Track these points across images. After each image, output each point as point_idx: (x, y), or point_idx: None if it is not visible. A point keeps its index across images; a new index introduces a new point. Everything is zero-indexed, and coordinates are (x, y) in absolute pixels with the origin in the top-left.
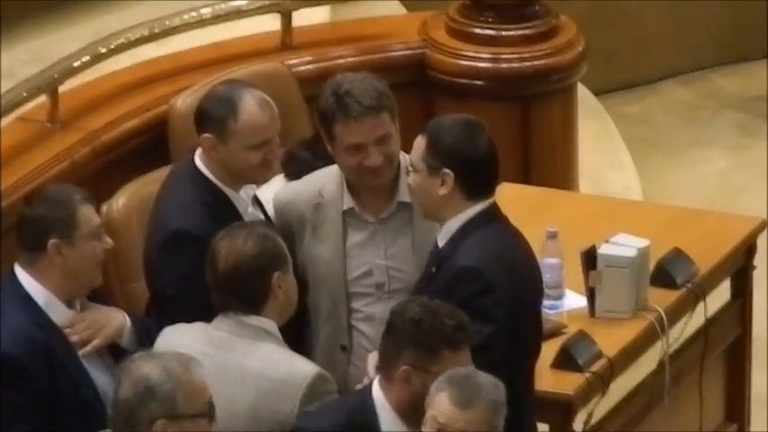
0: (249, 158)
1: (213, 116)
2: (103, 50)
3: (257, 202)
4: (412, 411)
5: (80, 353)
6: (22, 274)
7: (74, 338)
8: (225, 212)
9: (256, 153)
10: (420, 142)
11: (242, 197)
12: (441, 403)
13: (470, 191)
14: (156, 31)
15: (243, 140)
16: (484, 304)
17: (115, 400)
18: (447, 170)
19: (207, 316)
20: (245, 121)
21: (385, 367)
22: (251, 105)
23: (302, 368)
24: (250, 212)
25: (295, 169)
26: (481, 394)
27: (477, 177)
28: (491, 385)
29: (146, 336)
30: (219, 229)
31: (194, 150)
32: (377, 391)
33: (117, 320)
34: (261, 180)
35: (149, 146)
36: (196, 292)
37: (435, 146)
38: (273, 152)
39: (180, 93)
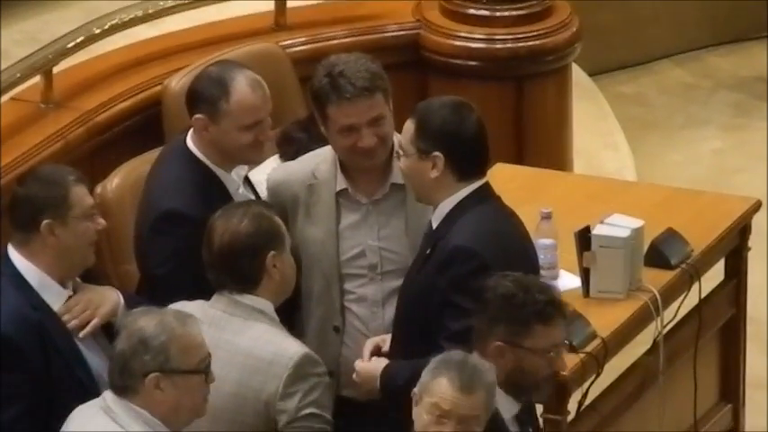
0: (241, 139)
1: (205, 96)
2: (97, 31)
3: (248, 182)
4: (507, 386)
5: (80, 335)
6: (14, 255)
7: (73, 323)
8: (216, 193)
9: (248, 134)
10: (409, 126)
11: (233, 178)
12: (441, 389)
13: (461, 172)
14: (150, 11)
15: (235, 121)
16: (478, 284)
17: (112, 352)
18: (437, 153)
19: (198, 296)
20: (236, 101)
21: (479, 343)
22: (243, 86)
23: (290, 348)
24: (241, 193)
25: (290, 150)
26: (481, 378)
27: (467, 158)
28: (486, 368)
29: None
30: (210, 210)
31: (186, 131)
32: None
33: (111, 299)
34: (252, 161)
35: (143, 126)
36: (187, 271)
37: (424, 129)
38: (265, 133)
39: (174, 73)
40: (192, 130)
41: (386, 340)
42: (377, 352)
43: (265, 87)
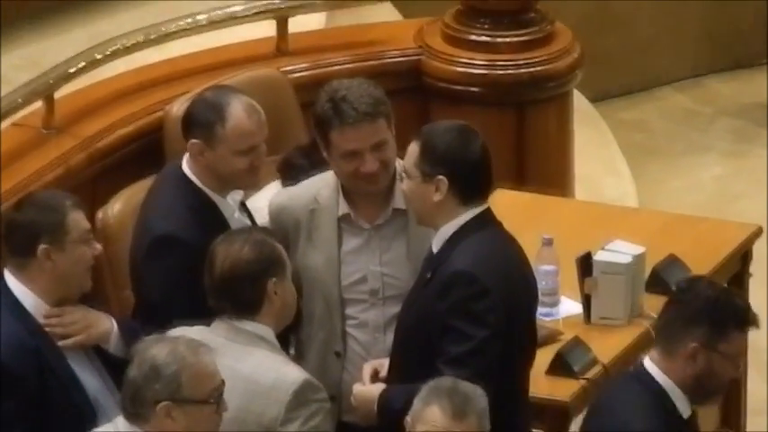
0: (236, 164)
1: (201, 122)
2: (99, 56)
3: (244, 207)
4: (694, 389)
5: (60, 344)
6: (11, 280)
7: (57, 330)
8: (211, 218)
9: (243, 159)
10: (414, 149)
11: (228, 203)
12: (433, 417)
13: (464, 197)
14: (152, 36)
15: (230, 146)
16: (478, 308)
17: (125, 379)
18: (441, 176)
19: (193, 321)
20: (232, 126)
21: (669, 344)
22: (238, 111)
23: (291, 374)
24: (236, 218)
25: (292, 175)
26: (472, 404)
27: (471, 183)
28: (477, 394)
29: (133, 341)
30: (206, 235)
31: (182, 156)
32: (652, 368)
33: (104, 324)
34: (247, 186)
35: (145, 152)
36: (181, 296)
37: (429, 152)
38: (260, 158)
39: (175, 99)
40: (187, 154)
41: (384, 365)
42: (375, 375)
43: (261, 112)
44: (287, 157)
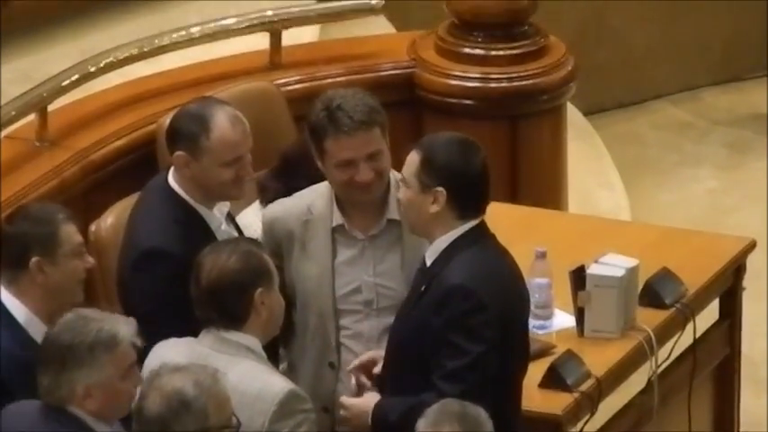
0: (222, 175)
1: (185, 133)
2: (92, 69)
3: (231, 219)
4: None
5: None
6: (3, 293)
7: None
8: (197, 230)
9: (229, 170)
10: (414, 158)
11: (215, 214)
12: None
13: (461, 210)
14: (146, 49)
15: (215, 157)
16: (474, 323)
17: (144, 414)
18: (440, 188)
19: (180, 334)
20: (217, 138)
21: None
22: (223, 122)
23: (276, 384)
24: (223, 230)
25: (268, 198)
26: (481, 429)
27: (469, 197)
28: (484, 417)
29: None
30: (192, 247)
31: (167, 169)
32: None
33: None
34: (233, 197)
35: (138, 165)
36: (169, 309)
37: (430, 163)
38: (246, 169)
39: (169, 112)
40: (173, 167)
41: (376, 361)
42: (368, 373)
43: (245, 123)
44: (260, 180)
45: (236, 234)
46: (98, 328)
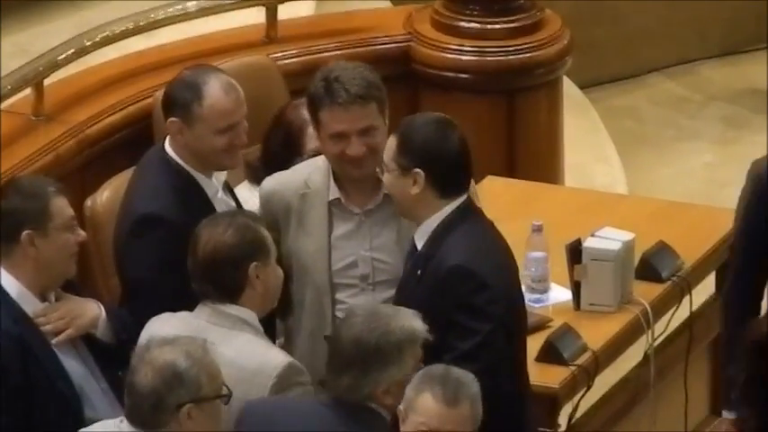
0: (215, 143)
1: (179, 100)
2: (88, 44)
3: (229, 188)
4: None
5: (53, 341)
6: None
7: (47, 328)
8: (194, 197)
9: (222, 137)
10: (392, 142)
11: (212, 182)
12: (426, 405)
13: (443, 189)
14: (142, 24)
15: (208, 125)
16: (479, 302)
17: (136, 388)
18: (418, 170)
19: (177, 300)
20: (209, 105)
21: None
22: (216, 89)
23: (274, 358)
24: (219, 197)
25: (258, 179)
26: (465, 389)
27: (448, 176)
28: (469, 379)
29: (120, 327)
30: (189, 214)
31: (165, 137)
32: None
33: (91, 311)
34: (226, 166)
35: (134, 139)
36: (165, 275)
37: (406, 145)
38: (240, 137)
39: (164, 86)
40: (168, 135)
41: None
42: None
43: (239, 91)
44: (249, 162)
45: (233, 203)
46: (399, 325)
